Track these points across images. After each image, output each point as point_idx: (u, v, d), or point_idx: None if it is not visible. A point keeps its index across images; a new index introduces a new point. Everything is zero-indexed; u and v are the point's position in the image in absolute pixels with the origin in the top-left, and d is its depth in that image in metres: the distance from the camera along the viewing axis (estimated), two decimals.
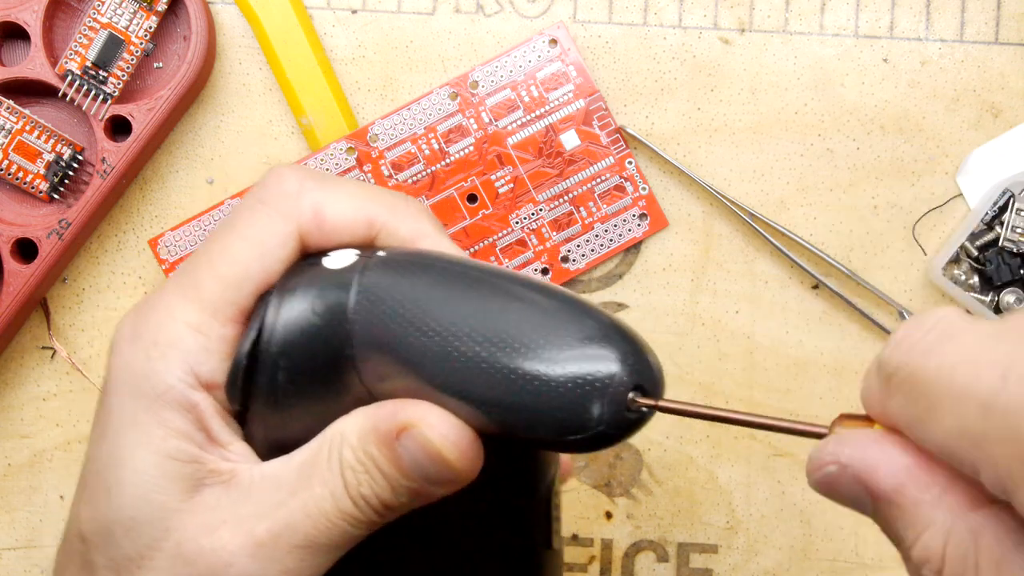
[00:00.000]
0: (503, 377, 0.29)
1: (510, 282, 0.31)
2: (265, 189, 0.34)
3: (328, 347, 0.31)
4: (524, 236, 0.50)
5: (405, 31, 0.50)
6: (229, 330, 0.32)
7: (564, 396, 0.29)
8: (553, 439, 0.30)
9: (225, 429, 0.32)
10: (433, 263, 0.32)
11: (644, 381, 0.30)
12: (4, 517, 0.51)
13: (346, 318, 0.31)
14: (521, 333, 0.30)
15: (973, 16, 0.50)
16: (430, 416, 0.30)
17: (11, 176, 0.49)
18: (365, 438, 0.31)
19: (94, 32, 0.48)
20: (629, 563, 0.50)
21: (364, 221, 0.34)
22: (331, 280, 0.32)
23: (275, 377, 0.31)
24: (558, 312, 0.30)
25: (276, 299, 0.32)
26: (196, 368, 0.32)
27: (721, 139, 0.50)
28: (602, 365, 0.29)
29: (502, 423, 0.30)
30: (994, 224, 0.49)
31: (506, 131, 0.50)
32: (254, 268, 0.32)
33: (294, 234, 0.33)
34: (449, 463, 0.30)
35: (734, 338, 0.50)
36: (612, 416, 0.29)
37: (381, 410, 0.31)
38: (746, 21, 0.50)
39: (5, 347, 0.50)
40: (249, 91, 0.50)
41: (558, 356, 0.29)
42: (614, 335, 0.30)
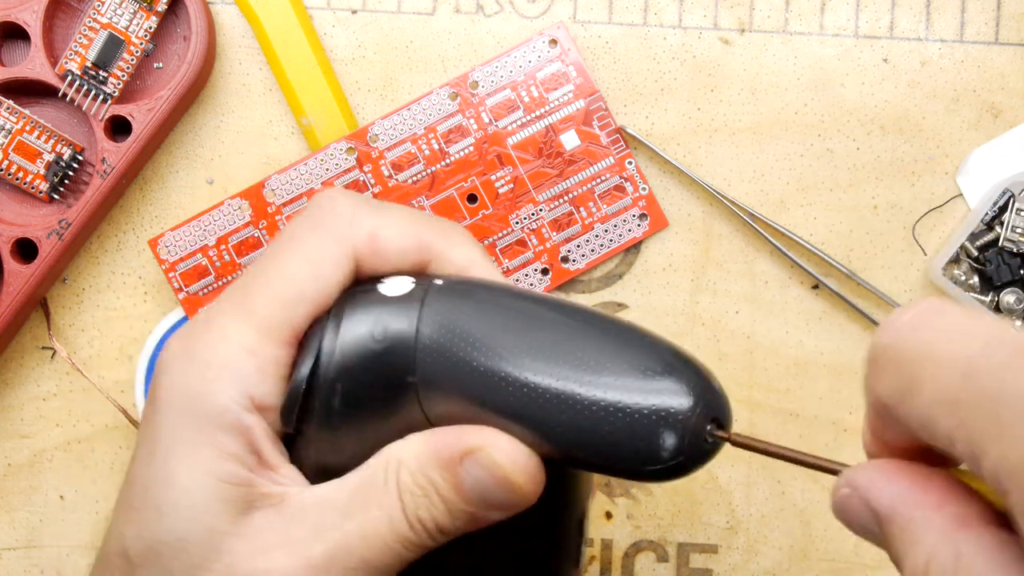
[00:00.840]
0: (577, 406, 0.30)
1: (571, 311, 0.32)
2: (319, 211, 0.34)
3: (388, 374, 0.31)
4: (524, 236, 0.50)
5: (405, 31, 0.50)
6: (283, 352, 0.32)
7: (643, 427, 0.30)
8: (629, 468, 0.30)
9: (275, 452, 0.32)
10: (493, 291, 0.32)
11: (719, 414, 0.30)
12: (4, 517, 0.51)
13: (410, 345, 0.31)
14: (592, 363, 0.30)
15: (973, 16, 0.50)
16: (498, 440, 0.30)
17: (11, 176, 0.49)
18: (426, 462, 0.31)
19: (94, 32, 0.48)
20: (629, 563, 0.50)
21: (417, 247, 0.34)
22: (392, 307, 0.32)
23: (331, 402, 0.32)
24: (625, 341, 0.31)
25: (334, 323, 0.32)
26: (250, 390, 0.32)
27: (721, 139, 0.50)
28: (679, 397, 0.30)
29: (576, 451, 0.30)
30: (994, 224, 0.49)
31: (506, 131, 0.50)
32: (309, 290, 0.32)
33: (349, 257, 0.33)
34: (517, 486, 0.30)
35: (734, 338, 0.50)
36: (691, 447, 0.30)
37: (444, 435, 0.31)
38: (746, 21, 0.50)
39: (5, 347, 0.50)
40: (249, 91, 0.50)
41: (632, 386, 0.30)
42: (687, 365, 0.31)
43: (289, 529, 0.31)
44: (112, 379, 0.50)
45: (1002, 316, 0.49)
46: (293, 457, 0.33)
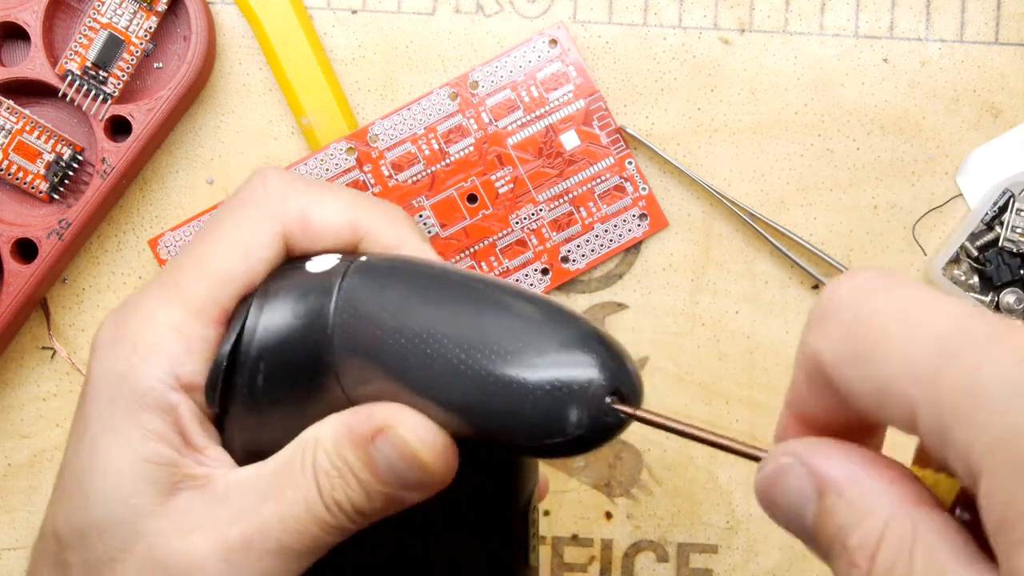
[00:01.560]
0: (481, 381, 0.29)
1: (490, 288, 0.31)
2: (250, 190, 0.34)
3: (308, 351, 0.31)
4: (524, 236, 0.50)
5: (405, 31, 0.50)
6: (211, 331, 0.32)
7: (542, 400, 0.29)
8: (531, 443, 0.30)
9: (202, 433, 0.32)
10: (414, 268, 0.32)
11: (622, 387, 0.30)
12: (4, 517, 0.51)
13: (327, 322, 0.31)
14: (500, 338, 0.30)
15: (973, 16, 0.50)
16: (405, 418, 0.30)
17: (11, 176, 0.49)
18: (340, 442, 0.31)
19: (94, 32, 0.48)
20: (629, 563, 0.50)
21: (348, 226, 0.34)
22: (313, 284, 0.32)
23: (254, 380, 0.31)
24: (537, 318, 0.30)
25: (258, 301, 0.32)
26: (177, 369, 0.31)
27: (721, 139, 0.50)
28: (580, 370, 0.29)
29: (479, 427, 0.30)
30: (994, 224, 0.49)
31: (506, 131, 0.50)
32: (238, 269, 0.32)
33: (279, 236, 0.33)
34: (425, 465, 0.30)
35: (734, 338, 0.50)
36: (590, 421, 0.29)
37: (356, 414, 0.31)
38: (746, 21, 0.50)
39: (5, 347, 0.50)
40: (249, 91, 0.50)
41: (536, 361, 0.29)
42: (592, 341, 0.30)
43: (211, 511, 0.31)
44: None
45: (1002, 316, 0.49)
46: (224, 439, 0.33)
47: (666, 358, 0.50)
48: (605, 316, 0.50)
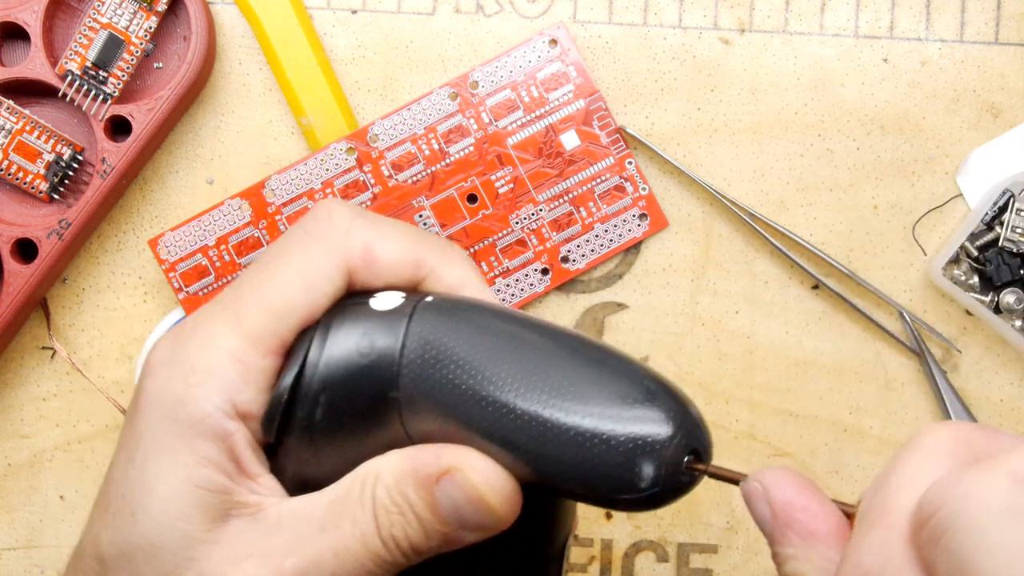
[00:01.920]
0: (557, 431, 0.30)
1: (557, 335, 0.31)
2: (315, 222, 0.34)
3: (371, 388, 0.31)
4: (524, 236, 0.50)
5: (405, 31, 0.50)
6: (269, 361, 0.32)
7: (621, 455, 0.29)
8: (604, 496, 0.30)
9: (255, 461, 0.32)
10: (482, 312, 0.32)
11: (698, 445, 0.30)
12: (4, 517, 0.51)
13: (394, 361, 0.31)
14: (574, 388, 0.30)
15: (973, 16, 0.50)
16: (475, 462, 0.30)
17: (11, 176, 0.49)
18: (402, 479, 0.31)
19: (94, 32, 0.48)
20: (629, 563, 0.50)
21: (412, 263, 0.34)
22: (379, 321, 0.32)
23: (313, 413, 0.31)
24: (609, 368, 0.30)
25: (321, 335, 0.32)
26: (234, 397, 0.31)
27: (721, 139, 0.50)
28: (658, 427, 0.30)
29: (550, 476, 0.30)
30: (994, 224, 0.49)
31: (506, 131, 0.50)
32: (300, 301, 0.32)
33: (342, 270, 0.33)
34: (492, 508, 0.30)
35: (734, 338, 0.50)
36: (667, 478, 0.30)
37: (422, 453, 0.31)
38: (746, 21, 0.50)
39: (5, 347, 0.50)
40: (249, 91, 0.50)
41: (612, 413, 0.30)
42: (666, 395, 0.30)
43: (263, 540, 0.31)
44: (112, 379, 0.50)
45: (1002, 316, 0.49)
46: (274, 467, 0.32)
47: (666, 358, 0.50)
48: (605, 316, 0.50)
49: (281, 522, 0.31)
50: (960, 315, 0.50)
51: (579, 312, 0.51)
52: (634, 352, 0.50)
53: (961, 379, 0.50)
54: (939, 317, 0.50)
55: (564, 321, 0.51)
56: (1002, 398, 0.50)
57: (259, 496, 0.32)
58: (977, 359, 0.50)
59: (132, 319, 0.50)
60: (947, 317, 0.50)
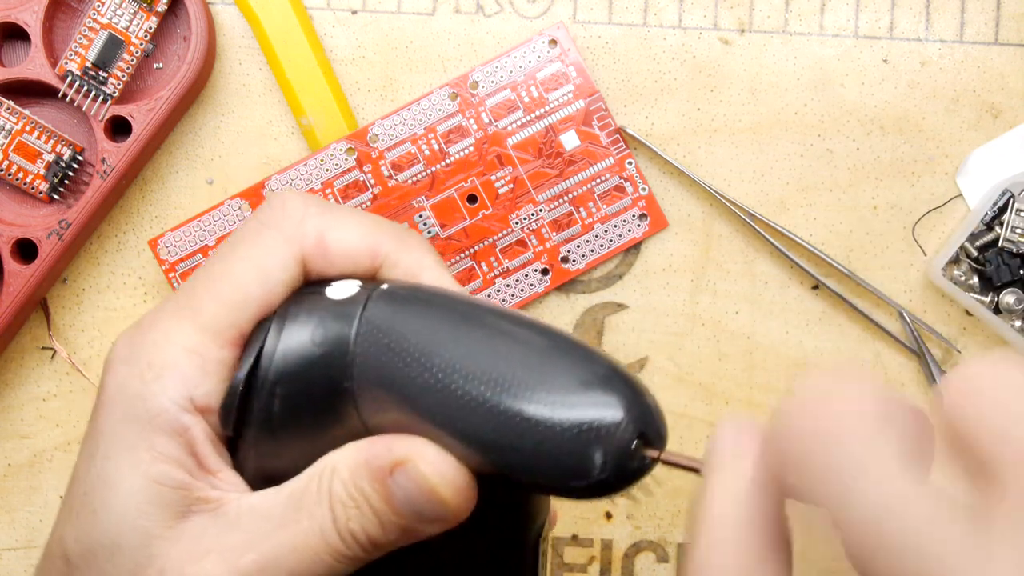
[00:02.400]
0: (506, 419, 0.29)
1: (512, 322, 0.31)
2: (269, 212, 0.34)
3: (326, 378, 0.31)
4: (524, 236, 0.50)
5: (405, 31, 0.50)
6: (227, 353, 0.32)
7: (568, 442, 0.29)
8: (553, 484, 0.30)
9: (215, 456, 0.32)
10: (436, 299, 0.31)
11: (648, 430, 0.29)
12: (4, 517, 0.51)
13: (347, 350, 0.31)
14: (525, 375, 0.30)
15: (973, 16, 0.50)
16: (426, 452, 0.30)
17: (11, 176, 0.49)
18: (357, 472, 0.30)
19: (94, 32, 0.48)
20: (629, 563, 0.50)
21: (368, 251, 0.33)
22: (334, 310, 0.31)
23: (270, 405, 0.31)
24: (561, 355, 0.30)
25: (276, 325, 0.31)
26: (192, 391, 0.31)
27: (721, 139, 0.50)
28: (607, 412, 0.29)
29: (501, 465, 0.30)
30: (994, 224, 0.49)
31: (506, 131, 0.50)
32: (255, 292, 0.32)
33: (297, 259, 0.33)
34: (444, 500, 0.30)
35: (734, 338, 0.50)
36: (615, 464, 0.29)
37: (374, 445, 0.31)
38: (746, 21, 0.50)
39: (5, 347, 0.50)
40: (249, 91, 0.50)
41: (563, 400, 0.29)
42: (618, 381, 0.30)
43: (223, 536, 0.31)
44: None
45: (1002, 316, 0.49)
46: (236, 462, 0.32)
47: (666, 358, 0.50)
48: (605, 316, 0.50)
49: (241, 518, 0.31)
50: (960, 315, 0.50)
51: (579, 312, 0.51)
52: (634, 352, 0.50)
53: None
54: (939, 317, 0.50)
55: (564, 321, 0.51)
56: None
57: (219, 491, 0.31)
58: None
59: (132, 319, 0.50)
60: (947, 317, 0.50)
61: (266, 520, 0.31)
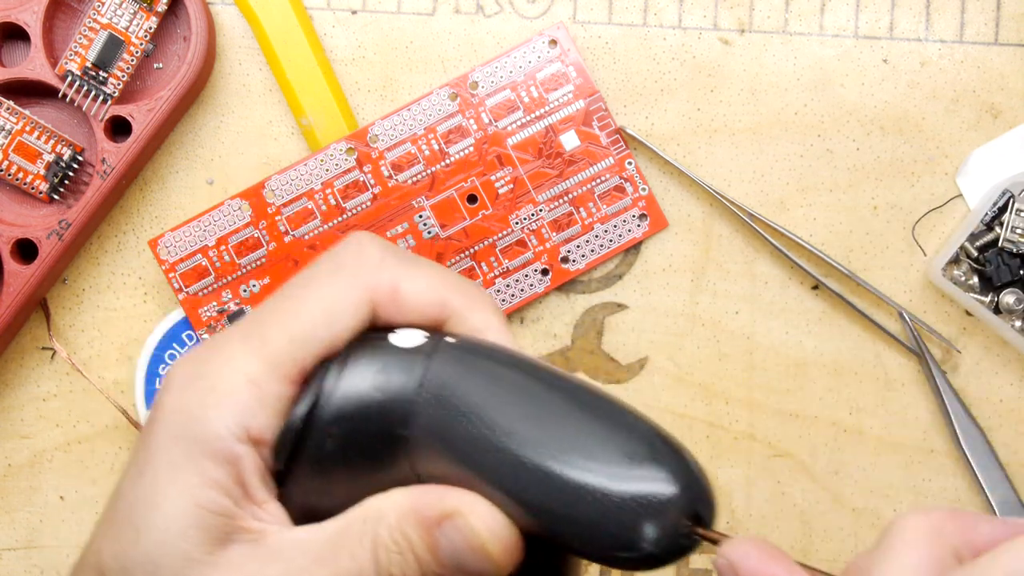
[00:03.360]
0: (562, 486, 0.30)
1: (577, 389, 0.31)
2: (346, 254, 0.34)
3: (383, 424, 0.31)
4: (524, 237, 0.50)
5: (405, 32, 0.50)
6: (286, 388, 0.32)
7: (621, 514, 0.29)
8: (602, 554, 0.30)
9: (262, 487, 0.32)
10: (502, 358, 0.32)
11: (701, 509, 0.30)
12: (4, 517, 0.51)
13: (408, 399, 0.31)
14: (583, 444, 0.30)
15: (973, 17, 0.50)
16: (477, 507, 0.30)
17: (11, 177, 0.49)
18: (404, 519, 0.31)
19: (94, 33, 0.48)
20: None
21: (438, 303, 0.33)
22: (399, 359, 0.32)
23: (323, 444, 0.31)
24: (616, 424, 0.30)
25: (338, 367, 0.32)
26: (248, 421, 0.31)
27: (721, 139, 0.50)
28: (661, 486, 0.30)
29: (552, 529, 0.30)
30: (994, 225, 0.49)
31: (506, 132, 0.50)
32: (322, 332, 0.32)
33: (368, 304, 0.33)
34: (491, 556, 0.30)
35: (734, 339, 0.50)
36: (667, 540, 0.29)
37: (426, 494, 0.31)
38: (746, 22, 0.50)
39: (5, 348, 0.50)
40: (249, 91, 0.50)
41: (618, 472, 0.30)
42: (672, 454, 0.30)
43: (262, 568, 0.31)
44: (112, 379, 0.50)
45: (1002, 316, 0.49)
46: (282, 496, 0.32)
47: (666, 358, 0.50)
48: (605, 316, 0.50)
49: (281, 551, 0.31)
50: (960, 315, 0.50)
51: (579, 312, 0.51)
52: (634, 352, 0.50)
53: (961, 380, 0.50)
54: (939, 317, 0.50)
55: (564, 321, 0.51)
56: (1002, 398, 0.50)
57: (262, 523, 0.31)
58: (977, 360, 0.50)
59: (132, 319, 0.50)
60: (947, 317, 0.50)
61: (306, 556, 0.31)
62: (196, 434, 0.31)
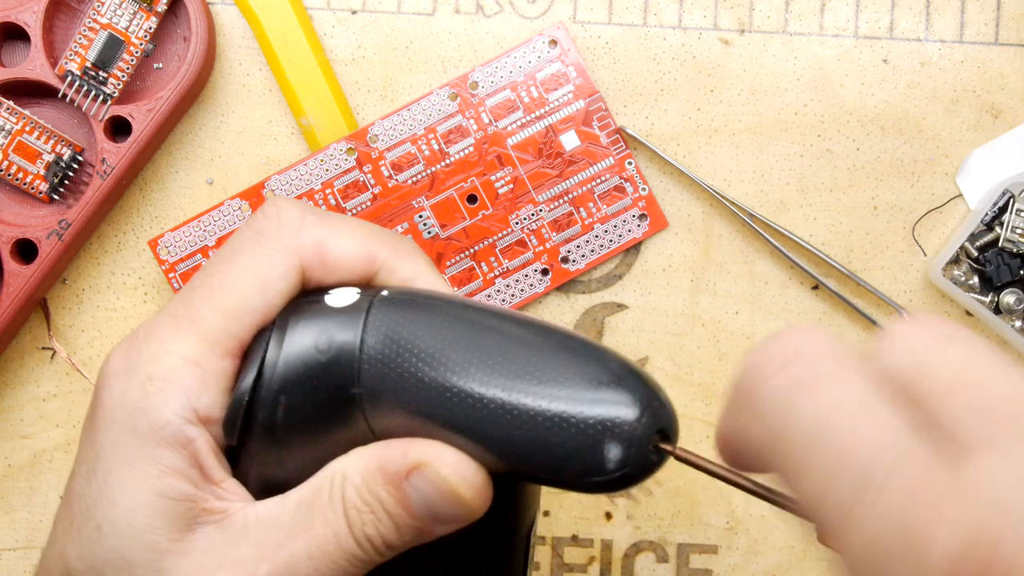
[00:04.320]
0: (524, 419, 0.29)
1: (516, 323, 0.31)
2: (265, 221, 0.33)
3: (332, 385, 0.31)
4: (524, 237, 0.50)
5: (405, 32, 0.50)
6: (227, 364, 0.32)
7: (591, 437, 0.29)
8: (575, 480, 0.30)
9: (218, 466, 0.32)
10: (439, 303, 0.32)
11: (665, 425, 0.30)
12: (4, 517, 0.51)
13: (354, 356, 0.31)
14: (540, 372, 0.30)
15: (973, 17, 0.50)
16: (443, 455, 0.30)
17: (11, 177, 0.49)
18: (370, 477, 0.30)
19: (94, 33, 0.48)
20: (629, 564, 0.50)
21: (364, 258, 0.33)
22: (337, 318, 0.31)
23: (274, 414, 0.31)
24: (571, 352, 0.30)
25: (278, 335, 0.31)
26: (194, 402, 0.31)
27: (721, 139, 0.50)
28: (625, 409, 0.29)
29: (520, 463, 0.30)
30: (994, 225, 0.49)
31: (506, 132, 0.50)
32: (255, 301, 0.32)
33: (295, 268, 0.33)
34: (465, 501, 0.30)
35: (734, 339, 0.50)
36: (637, 458, 0.29)
37: (388, 450, 0.31)
38: (746, 22, 0.50)
39: (5, 348, 0.50)
40: (249, 91, 0.50)
41: (581, 397, 0.29)
42: (633, 378, 0.30)
43: (233, 547, 0.31)
44: None
45: (1002, 316, 0.49)
46: (237, 471, 0.32)
47: (666, 358, 0.50)
48: (605, 317, 0.50)
49: (249, 528, 0.31)
50: (960, 315, 0.50)
51: (579, 312, 0.51)
52: (634, 352, 0.50)
53: None
54: (939, 317, 0.50)
55: (564, 321, 0.51)
56: None
57: (224, 502, 0.31)
58: None
59: (132, 319, 0.50)
60: (947, 317, 0.50)
61: (277, 529, 0.31)
62: (143, 424, 0.31)
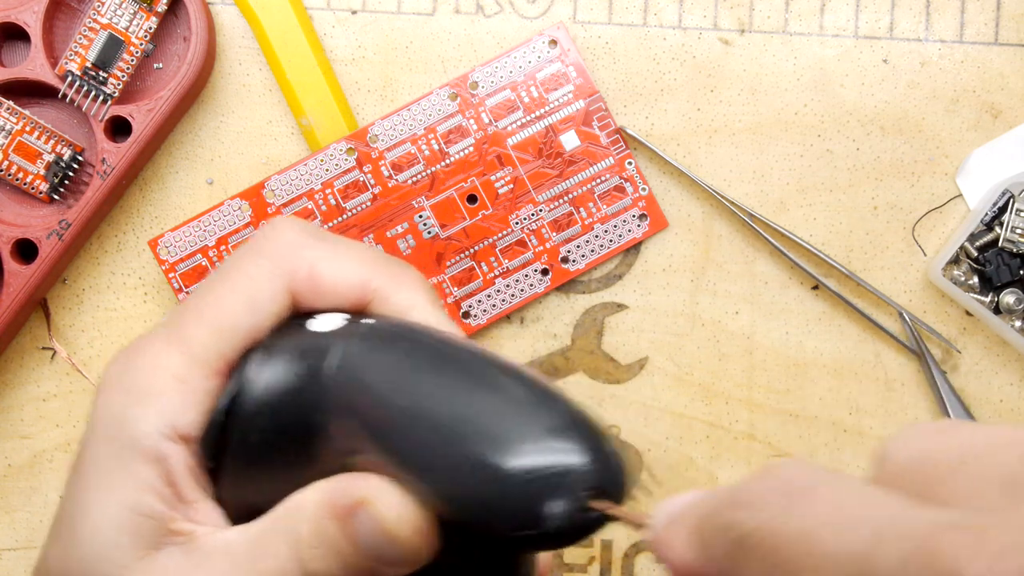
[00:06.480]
0: (465, 464, 0.29)
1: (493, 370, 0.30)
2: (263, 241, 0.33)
3: (301, 412, 0.30)
4: (524, 237, 0.50)
5: (405, 32, 0.50)
6: (213, 383, 0.31)
7: (520, 488, 0.28)
8: (503, 532, 0.29)
9: (193, 487, 0.31)
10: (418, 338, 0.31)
11: (605, 483, 0.28)
12: (4, 517, 0.51)
13: (322, 385, 0.30)
14: (489, 422, 0.29)
15: (973, 17, 0.50)
16: (383, 492, 0.29)
17: (11, 177, 0.49)
18: (320, 511, 0.30)
19: (94, 33, 0.48)
20: (629, 564, 0.50)
21: (359, 285, 0.33)
22: (313, 343, 0.31)
23: (248, 437, 0.31)
24: (527, 401, 0.29)
25: (260, 357, 0.31)
26: (175, 419, 0.31)
27: (721, 139, 0.50)
28: (564, 460, 0.28)
29: (457, 510, 0.29)
30: (994, 225, 0.49)
31: (506, 132, 0.50)
32: (244, 322, 0.32)
33: (287, 290, 0.32)
34: (398, 541, 0.29)
35: (734, 339, 0.50)
36: (567, 515, 0.28)
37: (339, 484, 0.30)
38: (746, 22, 0.50)
39: (5, 348, 0.50)
40: (249, 91, 0.50)
41: (520, 448, 0.28)
42: (580, 430, 0.29)
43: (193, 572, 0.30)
44: None
45: (1002, 316, 0.49)
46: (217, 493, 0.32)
47: (666, 358, 0.50)
48: (605, 316, 0.50)
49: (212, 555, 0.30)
50: (960, 315, 0.50)
51: (579, 312, 0.51)
52: (634, 352, 0.50)
53: (961, 379, 0.50)
54: (939, 317, 0.50)
55: (564, 321, 0.51)
56: (1002, 398, 0.50)
57: (193, 524, 0.31)
58: (977, 360, 0.50)
59: (132, 319, 0.50)
60: (947, 317, 0.50)
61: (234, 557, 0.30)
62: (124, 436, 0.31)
